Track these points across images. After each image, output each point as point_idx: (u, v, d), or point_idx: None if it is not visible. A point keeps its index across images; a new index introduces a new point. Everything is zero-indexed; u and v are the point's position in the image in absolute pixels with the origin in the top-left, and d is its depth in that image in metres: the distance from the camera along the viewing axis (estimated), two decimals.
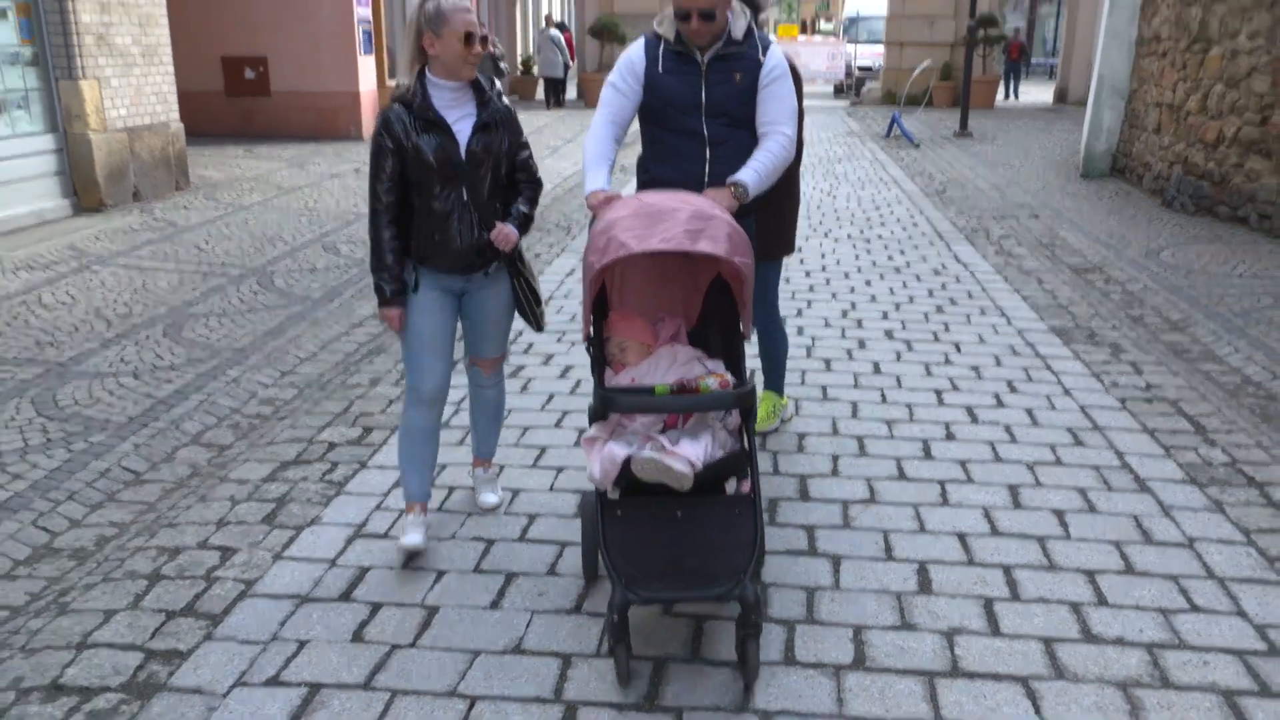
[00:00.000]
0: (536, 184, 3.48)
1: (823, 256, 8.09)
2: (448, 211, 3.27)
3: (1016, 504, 3.79)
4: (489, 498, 3.78)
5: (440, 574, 3.32)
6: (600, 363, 3.18)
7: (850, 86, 28.05)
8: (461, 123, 3.27)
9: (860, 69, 28.10)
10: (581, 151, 3.63)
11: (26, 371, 5.15)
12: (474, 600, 3.17)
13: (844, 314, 6.37)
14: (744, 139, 3.55)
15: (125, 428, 4.52)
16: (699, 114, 3.53)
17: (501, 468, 4.03)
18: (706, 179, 3.54)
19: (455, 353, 3.59)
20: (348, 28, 14.77)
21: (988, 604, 3.13)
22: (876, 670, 2.81)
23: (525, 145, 3.46)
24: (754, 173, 3.42)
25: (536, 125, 18.19)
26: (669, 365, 3.13)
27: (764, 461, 4.11)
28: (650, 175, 3.67)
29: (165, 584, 3.23)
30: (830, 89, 30.20)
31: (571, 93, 25.65)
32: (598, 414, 2.95)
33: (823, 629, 2.99)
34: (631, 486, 2.84)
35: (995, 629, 3.00)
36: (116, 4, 9.22)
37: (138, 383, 5.07)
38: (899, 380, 5.13)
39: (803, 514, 3.71)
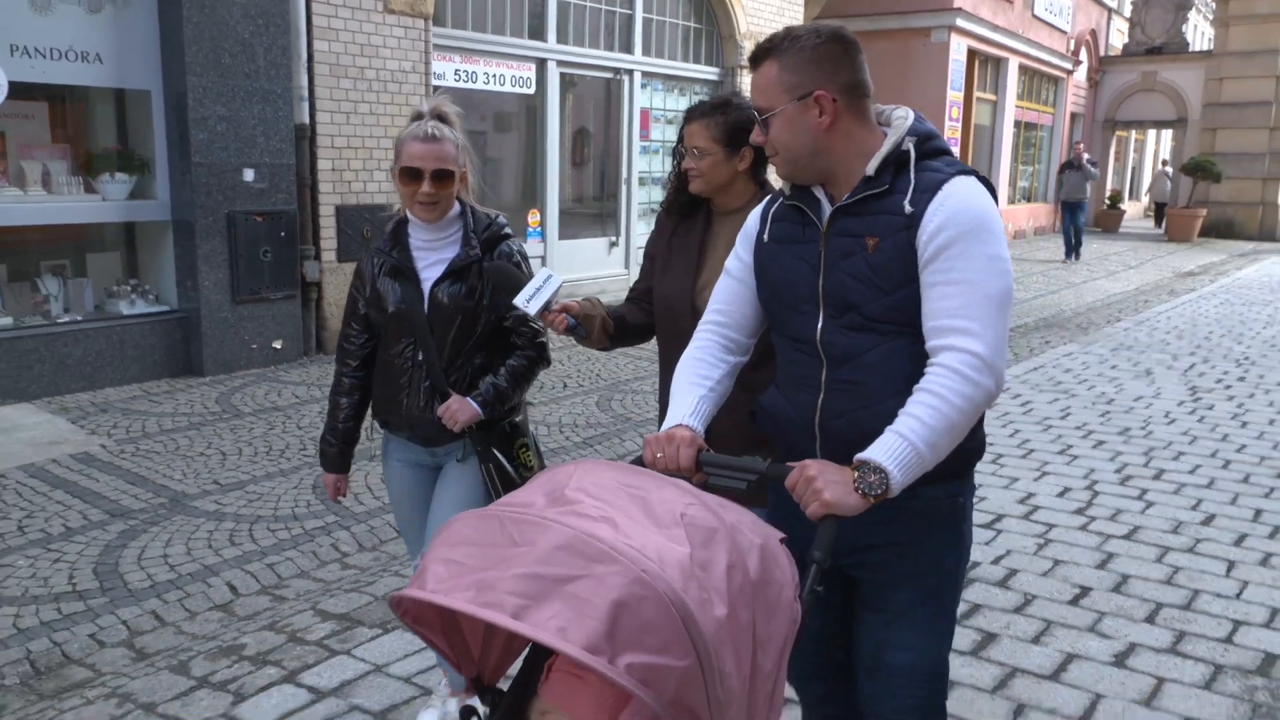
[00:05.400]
0: (537, 350, 2.82)
1: None
2: (401, 370, 2.79)
3: None
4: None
5: None
6: None
7: None
8: (432, 268, 2.74)
9: None
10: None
11: None
12: None
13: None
14: (885, 355, 2.00)
15: None
16: (814, 308, 2.06)
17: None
18: (818, 424, 2.06)
19: None
20: None
21: None
22: None
23: None
24: (902, 439, 1.81)
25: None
26: None
27: None
28: (763, 404, 2.24)
29: None
30: None
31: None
32: None
33: None
34: None
35: None
36: None
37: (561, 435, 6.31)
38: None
39: None
